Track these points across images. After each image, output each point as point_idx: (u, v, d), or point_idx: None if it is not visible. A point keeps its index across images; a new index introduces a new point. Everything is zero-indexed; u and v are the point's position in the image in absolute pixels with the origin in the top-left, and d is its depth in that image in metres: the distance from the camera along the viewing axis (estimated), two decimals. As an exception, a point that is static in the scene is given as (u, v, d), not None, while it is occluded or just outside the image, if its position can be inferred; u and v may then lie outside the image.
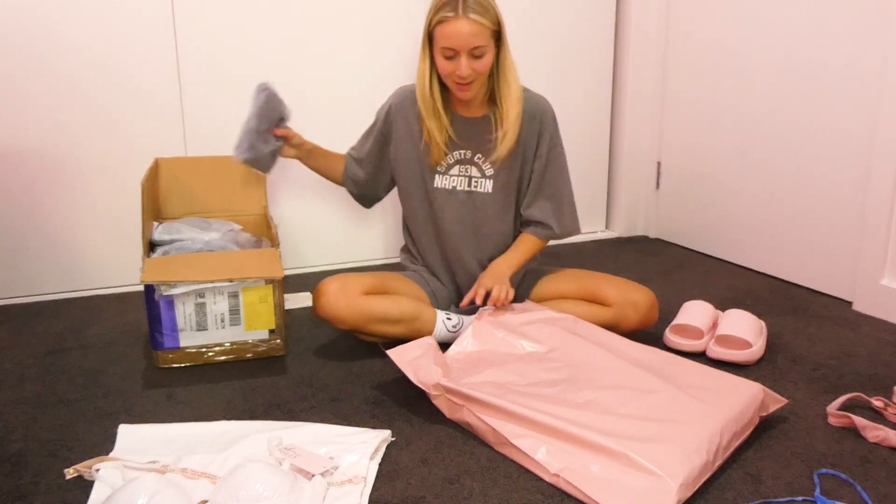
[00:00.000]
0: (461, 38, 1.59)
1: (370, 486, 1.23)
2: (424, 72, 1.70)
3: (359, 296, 1.68)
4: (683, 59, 2.61)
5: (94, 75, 2.10)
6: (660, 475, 1.15)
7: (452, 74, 1.64)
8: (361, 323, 1.69)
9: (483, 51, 1.63)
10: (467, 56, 1.61)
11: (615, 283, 1.80)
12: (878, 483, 1.25)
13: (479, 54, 1.63)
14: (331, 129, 2.38)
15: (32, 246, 2.14)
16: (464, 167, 1.79)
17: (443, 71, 1.66)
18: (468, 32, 1.59)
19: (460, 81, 1.65)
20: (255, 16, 2.23)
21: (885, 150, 1.93)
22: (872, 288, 2.01)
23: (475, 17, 1.60)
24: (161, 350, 1.68)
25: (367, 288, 1.71)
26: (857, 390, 1.57)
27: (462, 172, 1.79)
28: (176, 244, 1.87)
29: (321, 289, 1.69)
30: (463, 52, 1.61)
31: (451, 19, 1.59)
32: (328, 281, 1.70)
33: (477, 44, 1.61)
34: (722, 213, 2.52)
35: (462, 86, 1.66)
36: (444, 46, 1.62)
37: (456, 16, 1.59)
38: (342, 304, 1.66)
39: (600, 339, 1.64)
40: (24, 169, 2.09)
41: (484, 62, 1.64)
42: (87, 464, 1.27)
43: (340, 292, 1.67)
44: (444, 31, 1.61)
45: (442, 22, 1.61)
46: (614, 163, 2.86)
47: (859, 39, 2.00)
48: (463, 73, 1.62)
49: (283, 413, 1.49)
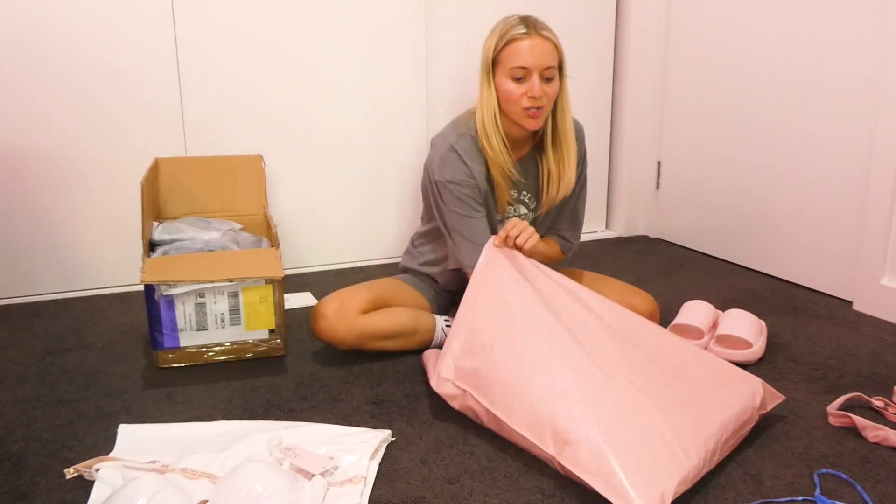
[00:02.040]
0: (535, 56, 1.55)
1: (370, 486, 1.23)
2: (492, 104, 1.61)
3: (357, 316, 1.66)
4: (683, 59, 2.61)
5: (94, 75, 2.10)
6: (651, 482, 1.15)
7: (523, 98, 1.57)
8: (361, 343, 1.68)
9: (553, 74, 1.58)
10: (539, 77, 1.56)
11: (616, 287, 1.79)
12: (878, 483, 1.25)
13: (549, 76, 1.58)
14: (331, 128, 2.39)
15: (32, 246, 2.14)
16: (512, 207, 1.75)
17: (510, 96, 1.58)
18: (542, 49, 1.56)
19: (532, 105, 1.57)
20: (255, 16, 2.23)
21: (885, 150, 1.93)
22: (872, 288, 2.01)
23: (548, 35, 1.58)
24: (161, 350, 1.68)
25: (366, 304, 1.67)
26: (857, 390, 1.57)
27: (511, 213, 1.76)
28: (176, 244, 1.87)
29: (319, 311, 1.66)
30: (536, 72, 1.56)
31: (525, 36, 1.56)
32: (326, 302, 1.67)
33: (550, 63, 1.57)
34: (722, 213, 2.53)
35: (532, 111, 1.58)
36: (515, 66, 1.56)
37: (529, 33, 1.56)
38: (341, 326, 1.64)
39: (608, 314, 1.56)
40: (24, 169, 2.09)
41: (554, 87, 1.59)
42: (87, 464, 1.26)
43: (339, 314, 1.64)
44: (517, 50, 1.56)
45: (513, 41, 1.56)
46: (614, 163, 2.86)
47: (859, 38, 2.00)
48: (536, 92, 1.55)
49: (283, 413, 1.49)
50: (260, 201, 2.14)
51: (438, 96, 2.50)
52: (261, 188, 2.14)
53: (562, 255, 1.85)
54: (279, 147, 2.33)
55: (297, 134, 2.34)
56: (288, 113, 2.32)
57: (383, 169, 2.47)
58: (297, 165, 2.36)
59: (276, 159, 2.33)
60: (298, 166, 2.37)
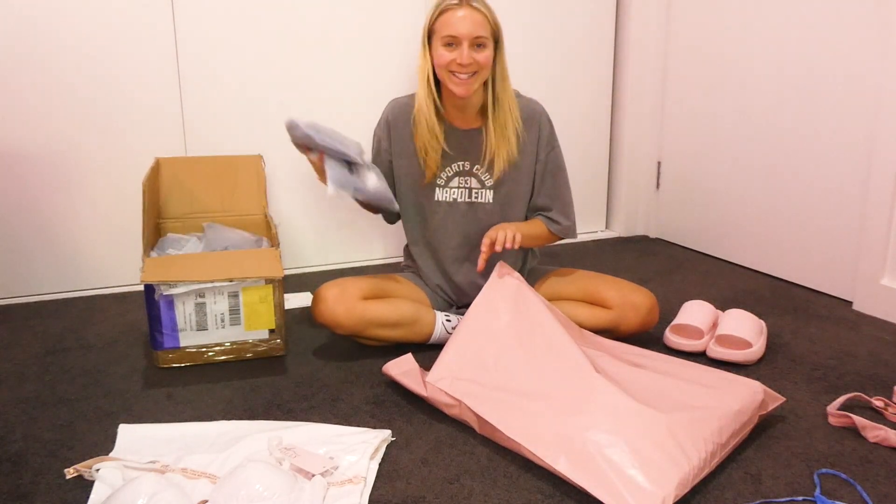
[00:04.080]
0: (465, 25, 1.61)
1: (370, 486, 1.23)
2: (426, 71, 1.69)
3: (357, 301, 1.68)
4: (683, 60, 2.61)
5: (94, 75, 2.10)
6: (652, 486, 1.15)
7: (452, 63, 1.63)
8: (360, 328, 1.69)
9: (484, 42, 1.63)
10: (469, 45, 1.62)
11: (616, 284, 1.79)
12: (878, 483, 1.25)
13: (480, 43, 1.63)
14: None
15: (32, 246, 2.14)
16: (463, 179, 1.78)
17: (441, 61, 1.64)
18: (471, 20, 1.61)
19: (460, 71, 1.63)
20: (255, 16, 2.23)
21: (885, 150, 1.93)
22: (872, 288, 2.01)
23: (478, 6, 1.63)
24: (161, 350, 1.68)
25: (366, 292, 1.70)
26: (857, 390, 1.57)
27: (462, 184, 1.78)
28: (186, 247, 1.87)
29: (320, 295, 1.69)
30: (465, 40, 1.61)
31: (455, 7, 1.62)
32: (327, 286, 1.70)
33: (479, 33, 1.62)
34: (722, 213, 2.53)
35: (461, 79, 1.64)
36: (445, 35, 1.62)
37: (461, 4, 1.62)
38: (341, 309, 1.67)
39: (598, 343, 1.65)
40: (24, 169, 2.09)
41: (485, 55, 1.64)
42: (87, 464, 1.27)
43: (339, 298, 1.67)
44: (448, 20, 1.62)
45: (445, 11, 1.63)
46: (614, 163, 2.86)
47: (859, 39, 2.00)
48: (464, 59, 1.61)
49: (283, 413, 1.49)
50: (260, 201, 2.14)
51: (438, 96, 2.50)
52: (261, 188, 2.14)
53: (553, 236, 1.84)
54: (279, 147, 2.33)
55: (297, 134, 2.34)
56: (288, 113, 2.32)
57: (383, 169, 2.47)
58: (297, 165, 2.36)
59: (276, 159, 2.33)
60: (298, 166, 2.37)
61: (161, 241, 1.98)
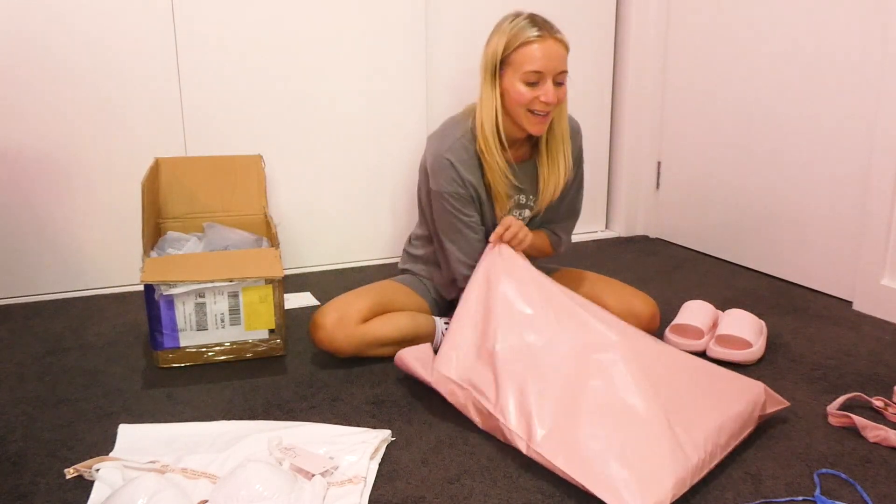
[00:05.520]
0: (551, 60, 1.48)
1: (370, 486, 1.23)
2: (494, 106, 1.54)
3: (357, 325, 1.64)
4: (683, 59, 2.61)
5: (94, 75, 2.10)
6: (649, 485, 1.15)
7: (534, 102, 1.51)
8: (361, 350, 1.67)
9: (564, 78, 1.53)
10: (553, 81, 1.51)
11: (617, 290, 1.78)
12: (878, 483, 1.25)
13: (561, 80, 1.53)
14: (331, 128, 2.39)
15: (32, 246, 2.14)
16: (518, 211, 1.73)
17: (522, 99, 1.51)
18: (557, 54, 1.50)
19: (543, 111, 1.51)
20: (255, 16, 2.23)
21: (885, 150, 1.93)
22: (872, 288, 2.01)
23: (561, 38, 1.51)
24: (161, 350, 1.68)
25: (365, 313, 1.66)
26: (857, 390, 1.57)
27: (518, 215, 1.73)
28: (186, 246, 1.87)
29: (318, 322, 1.65)
30: (549, 76, 1.50)
31: (539, 39, 1.49)
32: (324, 312, 1.65)
33: (563, 68, 1.51)
34: (722, 213, 2.53)
35: (541, 117, 1.53)
36: (529, 70, 1.49)
37: (542, 36, 1.49)
38: (340, 336, 1.63)
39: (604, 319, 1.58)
40: (24, 169, 2.09)
41: (565, 91, 1.54)
42: (87, 464, 1.27)
43: (338, 324, 1.63)
44: (531, 54, 1.49)
45: (528, 43, 1.49)
46: (614, 163, 2.86)
47: (859, 39, 2.00)
48: (551, 98, 1.49)
49: (283, 413, 1.49)
50: (260, 201, 2.14)
51: (438, 96, 2.50)
52: (261, 188, 2.14)
53: (552, 251, 1.83)
54: (279, 147, 2.33)
55: (296, 134, 2.35)
56: (288, 113, 2.32)
57: (383, 169, 2.47)
58: (296, 165, 2.36)
59: (276, 159, 2.33)
60: (298, 166, 2.37)
61: (161, 240, 1.98)
